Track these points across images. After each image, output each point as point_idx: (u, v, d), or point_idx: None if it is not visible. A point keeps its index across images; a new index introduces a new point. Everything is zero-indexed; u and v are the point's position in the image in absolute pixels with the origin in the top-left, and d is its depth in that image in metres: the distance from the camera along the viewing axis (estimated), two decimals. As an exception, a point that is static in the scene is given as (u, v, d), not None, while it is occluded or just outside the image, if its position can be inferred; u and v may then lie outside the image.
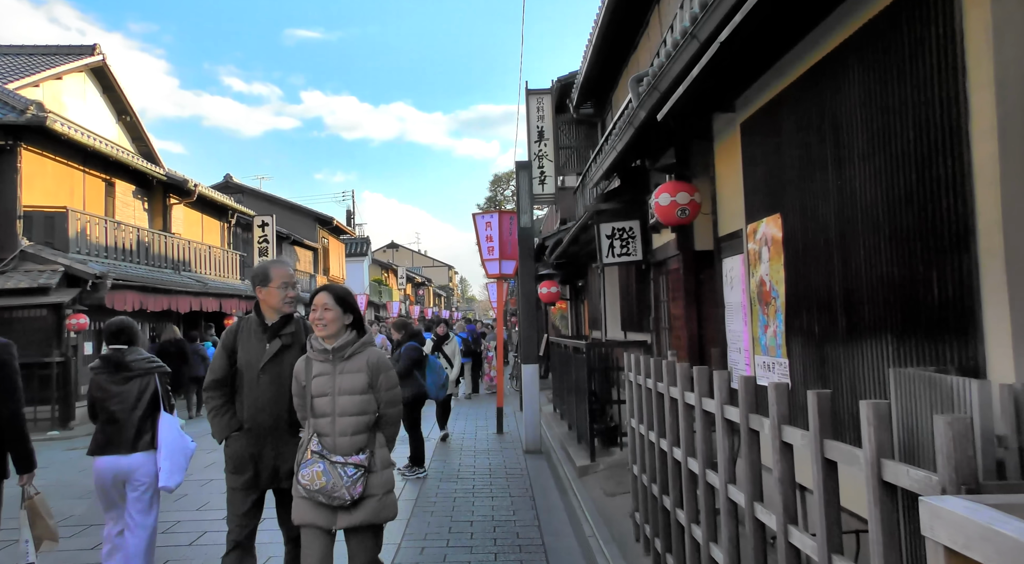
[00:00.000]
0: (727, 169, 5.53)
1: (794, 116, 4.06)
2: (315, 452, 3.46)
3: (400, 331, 8.76)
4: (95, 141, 14.93)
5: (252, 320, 4.05)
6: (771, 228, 4.28)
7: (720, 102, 4.88)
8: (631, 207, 8.43)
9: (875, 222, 3.22)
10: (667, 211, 5.75)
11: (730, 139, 5.32)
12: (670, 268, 7.66)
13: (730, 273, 5.63)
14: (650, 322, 8.63)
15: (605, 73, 13.32)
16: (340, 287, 3.79)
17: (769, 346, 4.31)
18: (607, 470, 8.48)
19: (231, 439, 3.96)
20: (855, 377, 3.42)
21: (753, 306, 4.58)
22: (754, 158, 4.63)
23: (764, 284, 4.35)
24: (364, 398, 3.54)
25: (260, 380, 3.91)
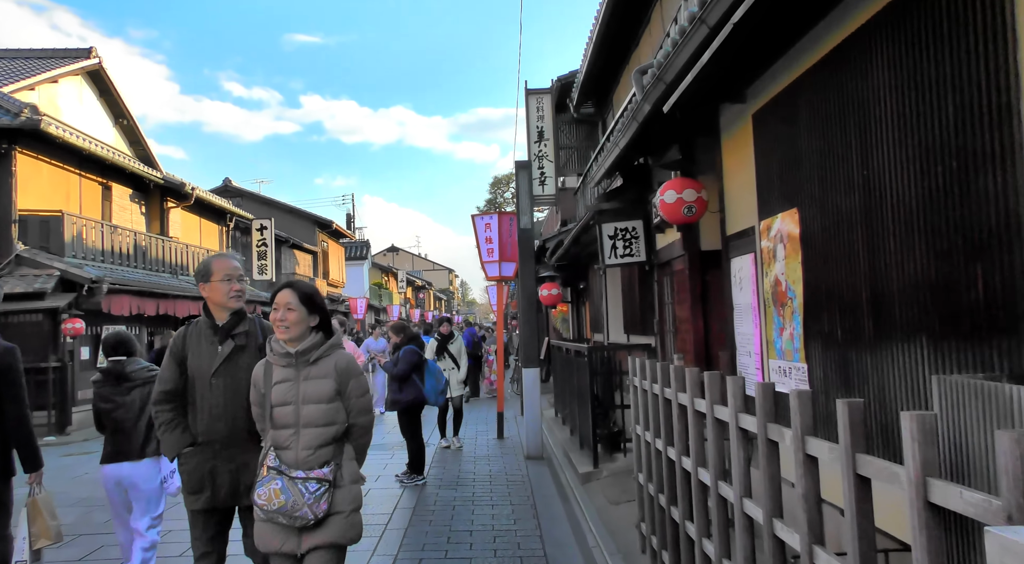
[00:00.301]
0: (736, 164, 5.31)
1: (813, 103, 3.81)
2: (272, 468, 3.13)
3: (399, 334, 8.54)
4: (91, 144, 14.74)
5: (202, 322, 3.70)
6: (787, 224, 4.05)
7: (729, 92, 4.66)
8: (634, 206, 8.22)
9: (908, 215, 2.97)
10: (673, 209, 5.53)
11: (739, 132, 5.10)
12: (675, 269, 7.44)
13: (739, 273, 5.41)
14: (654, 325, 8.41)
15: (606, 71, 13.11)
16: (305, 284, 3.44)
17: (785, 350, 4.08)
18: (611, 477, 8.25)
19: (185, 456, 3.61)
20: (884, 384, 3.17)
21: (767, 307, 4.36)
22: (768, 150, 4.40)
23: (779, 284, 4.12)
24: (331, 407, 3.21)
25: (213, 386, 3.57)
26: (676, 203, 5.50)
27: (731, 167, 5.50)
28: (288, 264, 30.38)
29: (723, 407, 3.39)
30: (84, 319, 13.64)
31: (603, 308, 12.19)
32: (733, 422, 3.20)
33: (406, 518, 6.93)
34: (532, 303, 10.73)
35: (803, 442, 2.49)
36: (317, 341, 3.30)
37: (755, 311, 5.13)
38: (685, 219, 5.55)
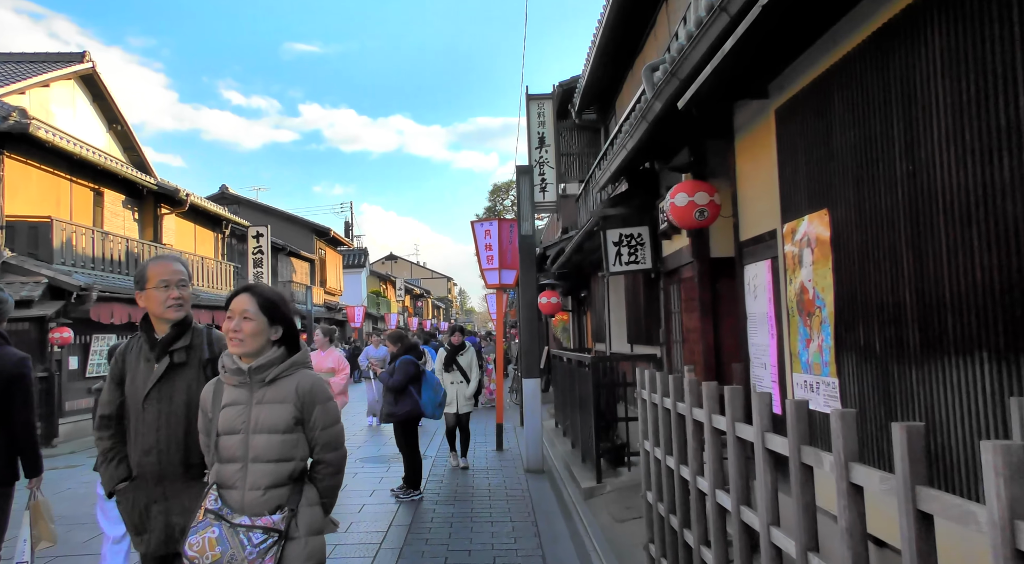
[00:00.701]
0: (752, 166, 5.04)
1: (848, 94, 3.50)
2: (210, 511, 2.59)
3: (396, 343, 8.25)
4: (81, 149, 14.46)
5: (141, 337, 3.22)
6: (816, 226, 3.76)
7: (749, 88, 4.39)
8: (640, 212, 7.95)
9: (964, 213, 2.66)
10: (684, 213, 5.26)
11: (758, 130, 4.83)
12: (683, 277, 7.16)
13: (753, 281, 5.14)
14: (660, 335, 8.12)
15: (609, 77, 12.89)
16: (268, 289, 2.90)
17: (812, 363, 3.78)
18: (615, 492, 7.95)
19: (121, 492, 3.15)
20: (934, 404, 2.84)
21: (790, 317, 4.07)
22: (793, 147, 4.09)
23: (806, 291, 3.83)
24: (288, 439, 2.66)
25: (145, 412, 3.07)
26: (687, 206, 5.22)
27: (746, 169, 5.23)
28: (285, 272, 30.09)
29: (746, 426, 3.10)
30: (73, 328, 13.32)
31: (606, 317, 11.90)
32: (759, 442, 2.91)
33: (401, 536, 6.63)
34: (533, 312, 10.44)
35: (847, 469, 2.20)
36: (277, 357, 2.75)
37: (771, 321, 4.85)
38: (696, 224, 5.28)
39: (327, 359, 8.94)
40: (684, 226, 5.39)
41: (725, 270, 6.47)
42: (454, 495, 8.31)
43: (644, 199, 7.94)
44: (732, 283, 6.44)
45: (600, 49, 11.71)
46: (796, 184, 4.01)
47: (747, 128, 5.11)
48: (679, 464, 4.28)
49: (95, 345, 14.73)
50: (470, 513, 7.47)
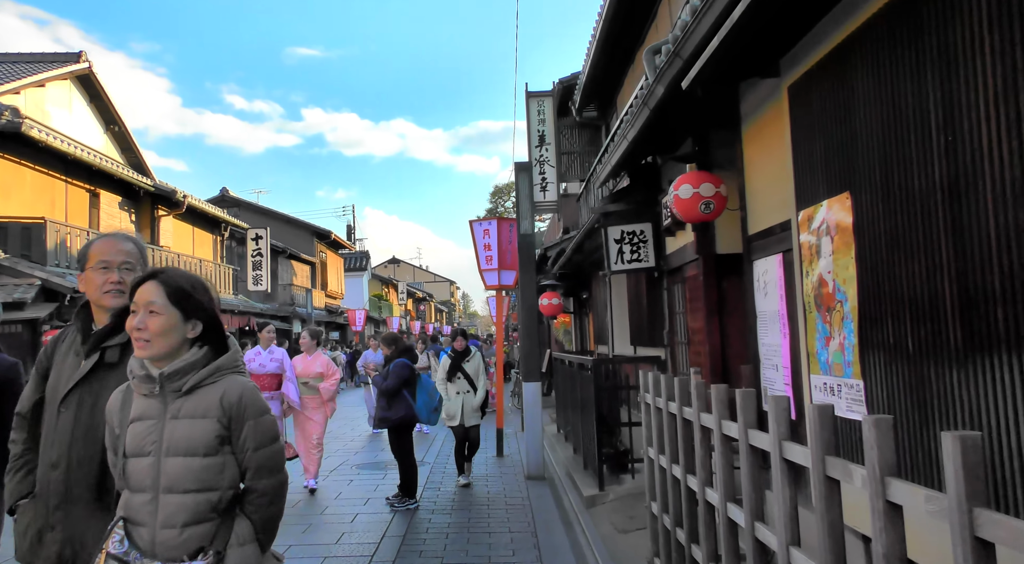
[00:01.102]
0: (761, 153, 4.74)
1: (873, 61, 3.17)
2: (114, 556, 2.07)
3: (390, 346, 7.94)
4: (76, 149, 14.19)
5: (75, 325, 2.70)
6: (836, 212, 3.43)
7: (758, 65, 4.08)
8: (642, 209, 7.65)
9: (1020, 187, 2.31)
10: (688, 206, 4.96)
11: (767, 115, 4.53)
12: (687, 275, 6.86)
13: (763, 277, 4.83)
14: (664, 336, 7.82)
15: (610, 72, 12.58)
16: (180, 273, 2.31)
17: (833, 364, 3.46)
18: (617, 501, 7.63)
19: (21, 509, 2.58)
20: (980, 409, 2.51)
21: (807, 313, 3.75)
22: (809, 127, 3.74)
23: (825, 284, 3.51)
24: (210, 463, 2.12)
25: (61, 416, 2.51)
26: (692, 199, 4.92)
27: (754, 158, 4.93)
28: (285, 274, 29.84)
29: (760, 433, 2.80)
30: (66, 331, 13.04)
31: (608, 318, 11.59)
32: (776, 452, 2.61)
33: (394, 548, 6.32)
34: (533, 313, 10.14)
35: (884, 486, 1.90)
36: (197, 360, 2.21)
37: (784, 319, 4.54)
38: (702, 217, 4.98)
39: (314, 363, 8.60)
40: (689, 220, 5.09)
41: (731, 267, 6.16)
42: (452, 504, 8.01)
43: (646, 195, 7.65)
44: (739, 281, 6.14)
45: (600, 43, 11.42)
46: (812, 167, 3.67)
47: (755, 114, 4.81)
48: (686, 474, 3.98)
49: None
50: (467, 523, 7.16)
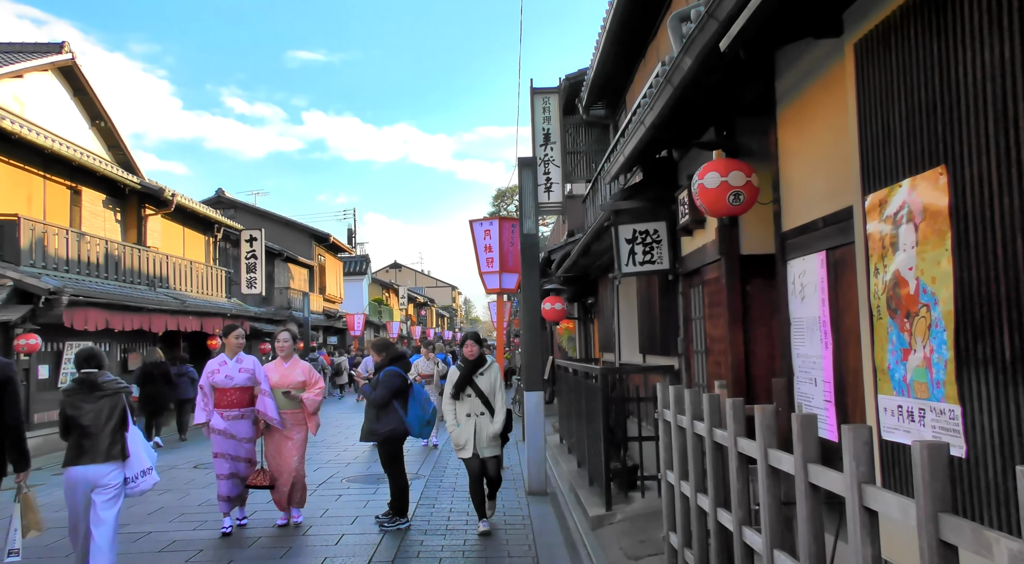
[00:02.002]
0: (803, 137, 4.16)
1: None
2: None
3: (381, 353, 7.32)
4: (53, 143, 13.56)
5: None
6: (924, 192, 2.81)
7: (813, 23, 3.47)
8: (656, 206, 7.06)
9: None
10: (715, 197, 4.36)
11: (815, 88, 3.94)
12: (706, 278, 6.26)
13: (800, 279, 4.24)
14: (678, 344, 7.21)
15: (619, 67, 12.02)
16: None
17: (914, 382, 2.82)
18: (626, 522, 7.02)
19: None
20: None
21: (875, 319, 3.10)
22: (886, 88, 3.10)
23: (904, 284, 2.89)
24: None
25: None
26: (719, 189, 4.32)
27: (792, 144, 4.34)
28: (282, 278, 29.25)
29: (828, 472, 2.19)
30: (41, 334, 12.41)
31: (615, 325, 10.98)
32: (855, 499, 2.00)
33: (381, 577, 5.71)
34: (536, 319, 9.53)
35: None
36: None
37: (826, 327, 3.95)
38: (730, 210, 4.38)
39: (294, 370, 7.04)
40: (715, 213, 4.49)
41: (758, 269, 5.57)
42: (446, 524, 7.39)
43: (661, 192, 7.06)
44: (767, 284, 5.55)
45: (610, 36, 10.85)
46: (889, 138, 3.02)
47: (795, 91, 4.21)
48: (716, 507, 3.38)
49: (68, 353, 13.85)
50: (462, 546, 6.55)
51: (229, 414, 6.81)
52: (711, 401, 3.39)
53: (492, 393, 6.82)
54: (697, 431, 3.64)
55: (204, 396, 6.86)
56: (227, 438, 6.78)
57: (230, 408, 6.83)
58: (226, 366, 6.89)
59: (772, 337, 5.57)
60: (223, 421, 6.77)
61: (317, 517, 7.61)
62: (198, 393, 6.97)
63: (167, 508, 8.15)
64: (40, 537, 6.16)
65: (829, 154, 3.75)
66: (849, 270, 3.66)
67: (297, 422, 7.02)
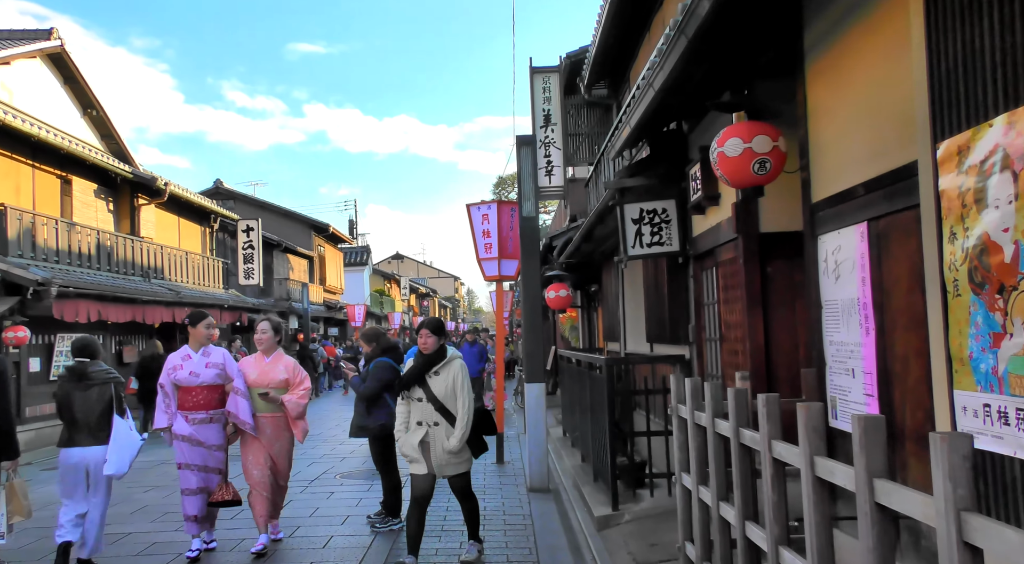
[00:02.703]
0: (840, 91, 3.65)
1: None
2: None
3: (371, 343, 6.83)
4: (41, 131, 13.08)
5: None
6: (1021, 135, 2.27)
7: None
8: (665, 183, 6.55)
9: None
10: (738, 165, 3.85)
11: (856, 29, 3.41)
12: (721, 259, 5.75)
13: (835, 256, 3.73)
14: (689, 332, 6.72)
15: (622, 43, 11.45)
16: None
17: (1015, 376, 2.25)
18: (634, 523, 6.54)
19: None
20: None
21: (951, 297, 2.56)
22: (966, 13, 2.55)
23: (994, 251, 2.35)
24: None
25: None
26: (742, 157, 3.81)
27: (826, 101, 3.83)
28: (280, 269, 28.79)
29: (903, 490, 1.70)
30: (31, 327, 11.97)
31: (620, 313, 10.48)
32: (951, 534, 1.51)
33: (369, 585, 5.25)
34: (537, 307, 9.03)
35: None
36: None
37: (866, 309, 3.45)
38: (754, 179, 3.88)
39: (275, 367, 5.95)
40: (737, 184, 3.98)
41: (779, 248, 5.08)
42: (442, 524, 6.92)
43: (670, 168, 6.55)
44: (789, 265, 5.05)
45: (612, 11, 10.30)
46: (972, 68, 2.42)
47: (829, 40, 3.70)
48: (744, 520, 2.89)
49: (60, 345, 13.39)
50: (458, 549, 6.08)
51: (195, 417, 5.79)
52: (737, 397, 2.90)
53: (449, 396, 5.24)
54: (719, 431, 3.15)
55: (165, 396, 5.84)
56: (194, 446, 5.76)
57: (196, 410, 5.81)
58: (191, 361, 5.87)
59: (794, 323, 5.08)
60: (188, 426, 5.76)
61: (306, 517, 7.15)
62: (158, 393, 5.91)
63: (151, 507, 7.77)
64: (18, 538, 6.07)
65: (874, 106, 3.25)
66: (898, 242, 3.16)
67: (279, 428, 5.92)
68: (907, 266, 3.11)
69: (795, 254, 5.02)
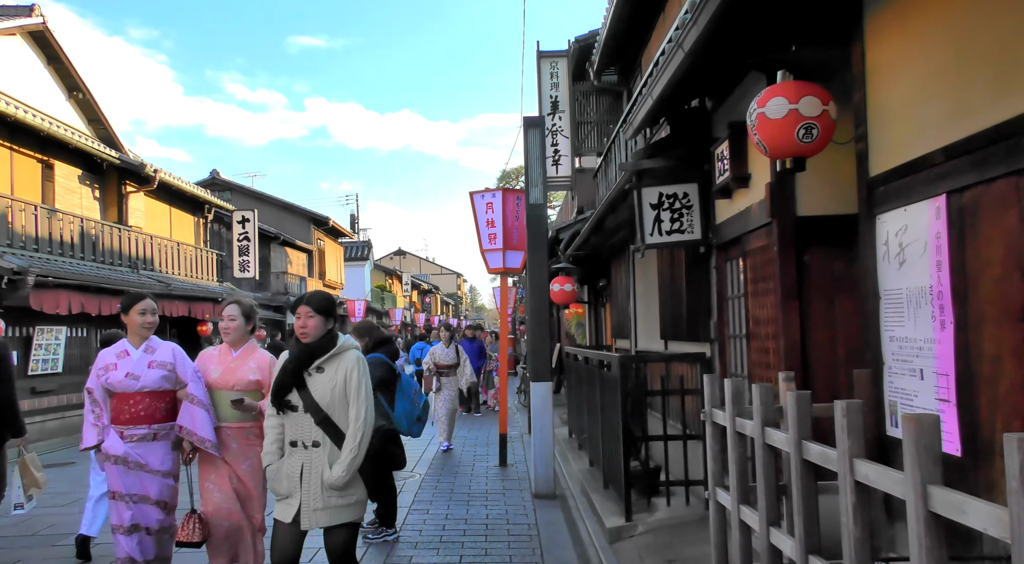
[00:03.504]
0: (911, 45, 3.12)
1: None
2: None
3: (364, 337, 6.29)
4: (18, 111, 12.47)
5: None
6: None
7: None
8: (686, 166, 6.01)
9: None
10: (780, 130, 3.31)
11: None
12: (750, 247, 5.21)
13: (899, 237, 3.20)
14: (710, 328, 6.18)
15: (635, 26, 10.90)
16: None
17: None
18: (649, 535, 6.00)
19: None
20: None
21: None
22: None
23: None
24: None
25: None
26: (787, 120, 3.27)
27: (893, 54, 3.30)
28: (279, 262, 28.26)
29: None
30: (7, 318, 11.39)
31: (630, 309, 9.94)
32: None
33: (357, 607, 4.70)
34: (544, 300, 8.50)
35: None
36: None
37: (941, 300, 2.91)
38: (798, 148, 3.33)
39: (245, 363, 4.43)
40: (778, 152, 3.43)
41: (819, 234, 4.54)
42: (440, 534, 6.40)
43: (691, 149, 6.00)
44: (830, 253, 4.52)
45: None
46: None
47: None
48: (808, 554, 2.35)
49: (39, 338, 12.80)
50: (458, 563, 5.57)
51: (134, 433, 4.38)
52: (799, 403, 2.36)
53: (337, 403, 3.66)
54: (772, 442, 2.62)
55: (95, 404, 4.43)
56: (130, 470, 4.34)
57: (135, 424, 4.39)
58: (127, 359, 4.44)
59: (834, 318, 4.55)
60: (123, 444, 4.33)
61: (293, 525, 6.63)
62: (85, 400, 4.52)
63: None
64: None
65: (961, 56, 2.72)
66: (990, 217, 2.63)
67: (249, 441, 4.36)
68: (1001, 246, 2.58)
69: (836, 241, 4.49)
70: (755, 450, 2.77)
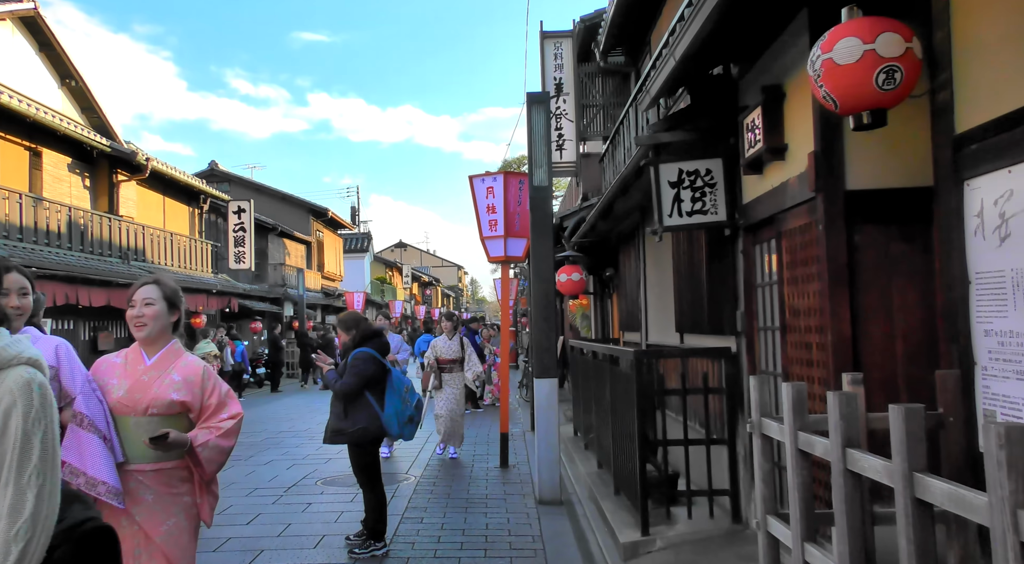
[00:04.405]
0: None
1: None
2: None
3: (349, 331, 5.66)
4: (3, 95, 11.90)
5: None
6: None
7: None
8: (708, 139, 5.38)
9: None
10: (853, 77, 2.68)
11: None
12: (786, 227, 4.58)
13: (998, 206, 2.57)
14: (736, 319, 5.55)
15: (644, 2, 10.24)
16: None
17: None
18: (670, 551, 5.38)
19: None
20: None
21: None
22: None
23: None
24: None
25: None
26: (862, 63, 2.63)
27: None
28: (276, 253, 27.65)
29: None
30: (-15, 309, 10.84)
31: (640, 299, 9.31)
32: None
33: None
34: (549, 292, 7.87)
35: None
36: None
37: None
38: (876, 98, 2.70)
39: (165, 375, 3.06)
40: (851, 106, 2.79)
41: (872, 211, 3.91)
42: (435, 547, 5.80)
43: (715, 120, 5.37)
44: (883, 232, 3.90)
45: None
46: None
47: None
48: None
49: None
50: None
51: None
52: (909, 418, 1.74)
53: None
54: (856, 469, 2.00)
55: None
56: None
57: None
58: None
59: (890, 308, 3.92)
60: None
61: (275, 536, 6.04)
62: None
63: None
64: None
65: None
66: None
67: (174, 491, 3.02)
68: None
69: (896, 217, 3.86)
70: (834, 477, 2.15)
